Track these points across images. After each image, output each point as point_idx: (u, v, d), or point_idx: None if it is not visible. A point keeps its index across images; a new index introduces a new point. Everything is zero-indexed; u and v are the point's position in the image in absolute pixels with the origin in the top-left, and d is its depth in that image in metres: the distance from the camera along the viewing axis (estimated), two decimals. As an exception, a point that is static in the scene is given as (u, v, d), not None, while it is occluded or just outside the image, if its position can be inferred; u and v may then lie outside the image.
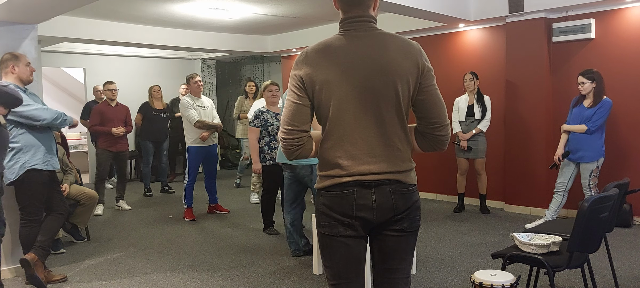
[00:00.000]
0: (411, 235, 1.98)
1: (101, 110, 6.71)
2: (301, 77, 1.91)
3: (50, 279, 4.07)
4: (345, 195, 1.90)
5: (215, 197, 6.58)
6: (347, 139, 1.89)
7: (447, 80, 7.02)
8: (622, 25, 5.62)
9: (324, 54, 1.91)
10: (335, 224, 1.93)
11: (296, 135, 1.93)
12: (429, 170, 7.38)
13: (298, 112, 1.92)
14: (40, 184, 4.00)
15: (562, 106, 5.89)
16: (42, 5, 4.16)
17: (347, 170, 1.89)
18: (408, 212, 1.94)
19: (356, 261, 1.97)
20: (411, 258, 2.03)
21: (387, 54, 1.89)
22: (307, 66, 1.91)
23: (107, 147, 6.64)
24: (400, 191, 1.91)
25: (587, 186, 5.00)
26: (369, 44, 1.91)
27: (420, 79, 1.90)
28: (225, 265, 4.49)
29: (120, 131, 6.62)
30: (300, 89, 1.92)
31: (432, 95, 1.92)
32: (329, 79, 1.88)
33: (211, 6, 6.63)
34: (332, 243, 1.95)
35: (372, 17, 1.96)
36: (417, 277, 4.06)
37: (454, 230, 5.49)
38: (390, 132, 1.90)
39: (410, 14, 5.90)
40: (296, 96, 1.92)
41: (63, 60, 9.43)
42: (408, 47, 1.92)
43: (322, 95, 1.89)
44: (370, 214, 1.90)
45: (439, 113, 1.93)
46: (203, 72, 11.02)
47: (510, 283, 2.71)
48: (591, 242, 2.82)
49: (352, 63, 1.88)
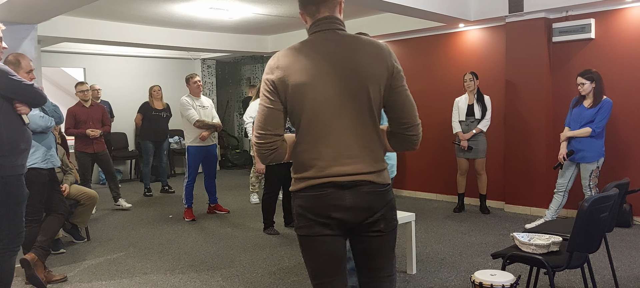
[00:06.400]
0: (390, 235, 2.00)
1: (74, 112, 6.57)
2: (273, 81, 1.92)
3: (50, 279, 4.07)
4: (320, 196, 1.91)
5: (215, 197, 6.58)
6: (322, 141, 1.91)
7: (447, 80, 7.02)
8: (622, 25, 5.62)
9: (295, 58, 1.93)
10: (312, 224, 1.94)
11: (270, 139, 1.94)
12: (429, 170, 7.38)
13: (271, 116, 1.93)
14: (40, 184, 4.00)
15: (562, 106, 5.89)
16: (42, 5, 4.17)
17: (322, 172, 1.90)
18: (383, 211, 1.95)
19: (336, 258, 1.98)
20: (393, 257, 2.06)
21: (358, 56, 1.91)
22: (279, 70, 1.92)
23: (84, 148, 6.52)
24: (375, 191, 1.93)
25: (587, 186, 5.00)
26: (339, 46, 1.93)
27: (391, 80, 1.92)
28: (225, 265, 4.49)
29: (95, 133, 6.50)
30: (273, 93, 1.93)
31: (402, 96, 1.94)
32: (301, 81, 1.89)
33: (211, 6, 6.63)
34: (311, 243, 1.97)
35: (339, 19, 1.99)
36: (417, 276, 4.06)
37: (454, 230, 5.48)
38: (364, 133, 1.92)
39: (410, 14, 5.90)
40: (268, 100, 1.93)
41: (63, 60, 9.43)
42: (378, 49, 1.94)
43: (295, 99, 1.91)
44: (346, 215, 1.92)
45: (410, 113, 1.96)
46: (203, 72, 11.02)
47: (510, 283, 2.71)
48: (591, 242, 2.82)
49: (324, 65, 1.90)
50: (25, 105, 3.12)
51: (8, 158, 3.00)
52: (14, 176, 3.06)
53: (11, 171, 3.03)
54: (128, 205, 6.96)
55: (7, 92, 3.01)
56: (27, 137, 3.15)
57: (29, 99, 3.12)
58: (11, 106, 3.05)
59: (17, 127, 3.06)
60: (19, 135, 3.07)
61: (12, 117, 3.05)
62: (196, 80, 6.16)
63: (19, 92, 3.05)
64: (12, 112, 3.05)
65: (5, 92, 3.00)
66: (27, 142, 3.15)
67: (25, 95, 3.09)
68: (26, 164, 3.20)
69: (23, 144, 3.10)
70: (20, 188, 3.12)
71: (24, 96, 3.09)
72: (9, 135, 3.00)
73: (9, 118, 3.02)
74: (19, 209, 3.13)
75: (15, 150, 3.03)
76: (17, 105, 3.07)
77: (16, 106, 3.07)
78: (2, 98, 3.01)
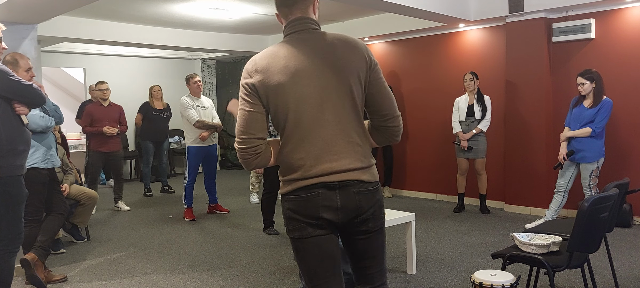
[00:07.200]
0: (378, 233, 2.01)
1: (91, 111, 6.66)
2: (253, 84, 1.92)
3: (51, 279, 4.07)
4: (310, 198, 1.91)
5: (215, 197, 6.58)
6: (307, 140, 1.90)
7: (447, 80, 7.02)
8: (622, 25, 5.62)
9: (273, 60, 1.93)
10: (303, 226, 1.94)
11: (253, 143, 1.94)
12: (429, 170, 7.38)
13: (252, 119, 1.93)
14: (40, 184, 4.00)
15: (562, 106, 5.89)
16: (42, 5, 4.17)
17: (310, 172, 1.90)
18: (371, 211, 1.95)
19: (330, 258, 1.98)
20: (382, 253, 2.06)
21: (336, 51, 1.92)
22: (258, 73, 1.92)
23: (98, 148, 6.58)
24: (364, 191, 1.93)
25: (587, 186, 5.00)
26: (315, 44, 1.93)
27: (370, 73, 1.94)
28: (225, 265, 4.49)
29: (113, 131, 6.57)
30: (253, 96, 1.93)
31: (381, 88, 1.97)
32: (281, 82, 1.89)
33: (211, 6, 6.63)
34: (303, 245, 1.97)
35: (312, 19, 2.00)
36: (417, 277, 4.06)
37: (454, 230, 5.48)
38: (349, 128, 1.93)
39: (410, 14, 5.90)
40: (248, 104, 1.93)
41: (63, 60, 9.43)
42: (354, 43, 1.96)
43: (277, 100, 1.90)
44: (334, 215, 1.92)
45: (390, 105, 1.98)
46: (203, 72, 11.02)
47: (510, 283, 2.71)
48: (591, 242, 2.82)
49: (303, 64, 1.90)
50: (24, 106, 3.11)
51: (7, 159, 3.00)
52: (13, 177, 3.05)
53: (10, 172, 3.03)
54: (127, 208, 6.97)
55: (6, 93, 3.00)
56: (26, 137, 3.15)
57: (27, 99, 3.11)
58: (10, 107, 3.04)
59: (16, 127, 3.06)
60: (18, 136, 3.06)
61: (11, 117, 3.04)
62: (196, 80, 6.16)
63: (18, 92, 3.05)
64: (11, 112, 3.04)
65: (4, 93, 3.00)
66: (26, 143, 3.14)
67: (24, 96, 3.09)
68: (25, 165, 3.19)
69: (22, 145, 3.09)
70: (20, 188, 3.11)
71: (22, 96, 3.08)
72: (7, 135, 2.99)
73: (7, 118, 3.02)
74: (19, 210, 3.13)
75: (14, 150, 3.03)
76: (15, 105, 3.06)
77: (15, 106, 3.06)
78: (1, 98, 3.00)
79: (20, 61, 3.63)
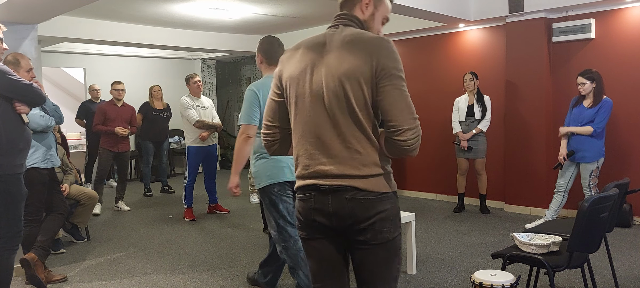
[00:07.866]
0: (378, 248, 1.84)
1: (104, 110, 6.71)
2: (277, 73, 1.98)
3: (51, 279, 4.07)
4: (306, 199, 1.91)
5: (215, 197, 6.58)
6: (306, 138, 1.89)
7: (447, 80, 7.02)
8: (622, 25, 5.62)
9: (295, 51, 1.95)
10: (303, 226, 1.95)
11: (271, 130, 2.01)
12: (429, 170, 7.38)
13: (271, 108, 2.00)
14: (40, 184, 4.00)
15: (562, 106, 5.89)
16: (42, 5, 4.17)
17: (306, 171, 1.89)
18: (371, 221, 1.81)
19: (327, 262, 1.95)
20: (385, 271, 1.88)
21: (337, 52, 1.82)
22: (281, 63, 1.98)
23: (109, 147, 6.63)
24: (358, 199, 1.80)
25: (587, 186, 5.00)
26: (330, 41, 1.87)
27: (376, 79, 1.76)
28: (225, 265, 4.49)
29: (124, 132, 6.62)
30: (277, 86, 1.98)
31: (388, 95, 1.75)
32: (290, 76, 1.92)
33: (211, 6, 6.63)
34: (306, 246, 1.98)
35: (353, 16, 1.92)
36: (417, 277, 4.06)
37: (454, 230, 5.48)
38: (346, 133, 1.80)
39: (410, 14, 5.90)
40: (273, 93, 2.00)
41: (63, 60, 9.43)
42: (363, 45, 1.79)
43: (289, 93, 1.93)
44: (328, 220, 1.87)
45: (398, 116, 1.75)
46: (203, 72, 11.02)
47: (510, 283, 2.71)
48: (591, 242, 2.82)
49: (310, 61, 1.88)
50: (24, 105, 3.12)
51: (7, 157, 3.01)
52: (12, 175, 3.06)
53: (10, 170, 3.03)
54: (127, 208, 6.97)
55: (6, 92, 3.02)
56: (26, 136, 3.16)
57: (27, 98, 3.13)
58: (10, 106, 3.05)
59: (16, 126, 3.07)
60: (18, 135, 3.07)
61: (12, 116, 3.05)
62: (196, 80, 6.17)
63: (18, 91, 3.06)
64: (11, 111, 3.06)
65: (4, 92, 3.01)
66: (26, 142, 3.15)
67: (24, 95, 3.10)
68: (25, 164, 3.20)
69: (22, 144, 3.10)
70: (19, 187, 3.12)
71: (23, 96, 3.09)
72: (8, 134, 3.00)
73: (8, 117, 3.03)
74: (18, 208, 3.14)
75: (14, 149, 3.04)
76: (16, 104, 3.07)
77: (15, 106, 3.07)
78: (2, 97, 3.01)
79: (21, 61, 3.65)
